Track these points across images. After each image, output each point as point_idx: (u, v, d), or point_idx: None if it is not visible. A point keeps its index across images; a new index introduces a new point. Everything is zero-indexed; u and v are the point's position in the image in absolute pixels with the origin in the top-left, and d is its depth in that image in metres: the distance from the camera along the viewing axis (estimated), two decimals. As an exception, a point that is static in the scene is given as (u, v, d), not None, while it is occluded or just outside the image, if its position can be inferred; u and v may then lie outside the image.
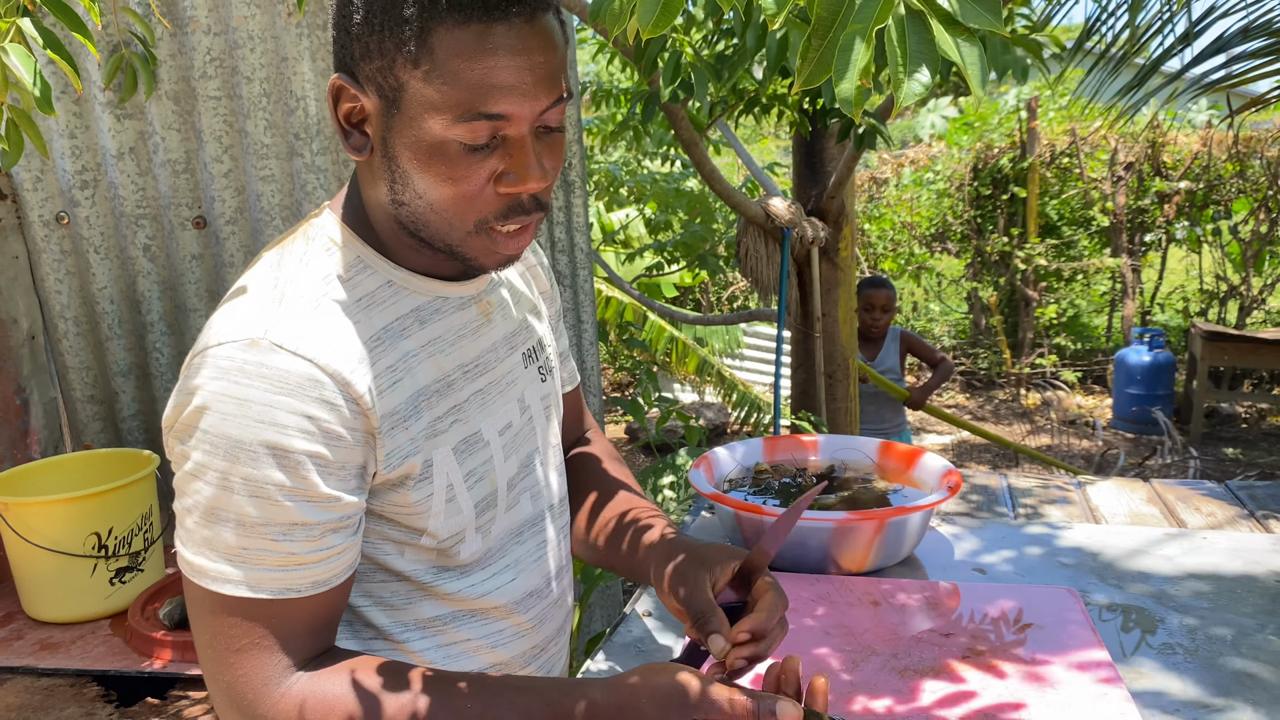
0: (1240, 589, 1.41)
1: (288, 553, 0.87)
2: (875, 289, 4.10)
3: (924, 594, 1.38)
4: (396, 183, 0.91)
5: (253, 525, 0.85)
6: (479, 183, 0.88)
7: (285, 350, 0.86)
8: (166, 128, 2.20)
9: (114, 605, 1.87)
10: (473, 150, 0.87)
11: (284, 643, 0.88)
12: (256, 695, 0.87)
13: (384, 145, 0.89)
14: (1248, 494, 1.88)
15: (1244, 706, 1.10)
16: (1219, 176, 7.57)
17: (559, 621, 1.18)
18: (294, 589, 0.87)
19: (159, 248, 2.28)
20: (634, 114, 3.37)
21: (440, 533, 0.99)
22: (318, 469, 0.86)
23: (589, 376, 3.12)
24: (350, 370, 0.89)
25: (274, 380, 0.85)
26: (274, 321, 0.87)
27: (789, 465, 1.77)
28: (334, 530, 0.89)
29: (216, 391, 0.84)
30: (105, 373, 2.32)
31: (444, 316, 1.01)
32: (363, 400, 0.89)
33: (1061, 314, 8.22)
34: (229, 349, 0.86)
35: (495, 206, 0.91)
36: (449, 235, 0.93)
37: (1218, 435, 6.79)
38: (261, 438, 0.84)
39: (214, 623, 0.88)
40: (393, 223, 0.96)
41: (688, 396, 7.53)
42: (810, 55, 0.63)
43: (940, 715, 1.07)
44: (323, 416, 0.86)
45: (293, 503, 0.86)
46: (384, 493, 0.95)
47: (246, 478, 0.84)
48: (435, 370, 0.98)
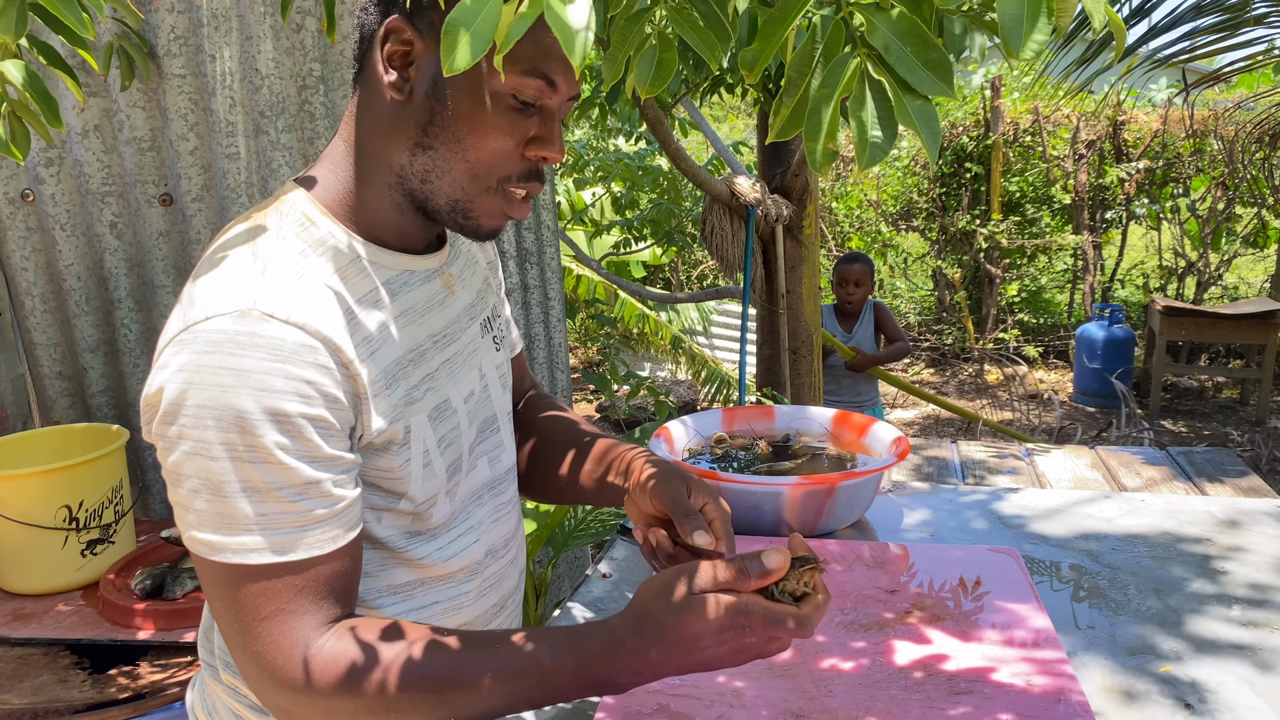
0: (1172, 547, 1.48)
1: (305, 511, 0.89)
2: (848, 264, 4.13)
3: (872, 554, 1.45)
4: (434, 126, 0.96)
5: (268, 490, 0.87)
6: (515, 140, 0.97)
7: (277, 319, 0.88)
8: (131, 105, 2.21)
9: (85, 577, 1.90)
10: (519, 108, 0.95)
11: (310, 605, 0.90)
12: (287, 659, 0.89)
13: (433, 89, 0.95)
14: (1186, 459, 1.96)
15: (1170, 654, 1.17)
16: (1178, 155, 7.70)
17: (514, 580, 1.23)
18: (317, 547, 0.90)
19: (125, 225, 2.30)
20: (599, 93, 3.40)
21: (418, 496, 1.03)
22: (319, 431, 0.89)
23: (557, 353, 3.16)
24: (338, 336, 0.92)
25: (269, 349, 0.87)
26: (261, 292, 0.90)
27: (747, 435, 1.83)
28: (342, 484, 0.92)
29: (212, 365, 0.86)
30: (73, 349, 2.33)
31: (412, 289, 1.05)
32: (352, 365, 0.93)
33: (1024, 290, 8.34)
34: (219, 321, 0.87)
35: (519, 167, 0.99)
36: (466, 189, 0.98)
37: (1176, 408, 6.94)
38: (264, 404, 0.86)
39: (238, 595, 0.89)
40: (391, 178, 1.00)
41: (658, 374, 7.59)
42: (783, 111, 0.70)
43: (882, 669, 1.13)
44: (320, 380, 0.89)
45: (302, 463, 0.88)
46: (369, 457, 0.98)
47: (253, 445, 0.86)
48: (409, 340, 1.02)
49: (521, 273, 2.95)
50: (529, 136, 0.97)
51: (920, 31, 0.65)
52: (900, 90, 0.66)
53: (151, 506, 2.47)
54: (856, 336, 4.18)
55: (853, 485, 1.51)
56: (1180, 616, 1.27)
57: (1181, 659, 1.16)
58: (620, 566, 1.48)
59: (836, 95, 0.66)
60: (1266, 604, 1.29)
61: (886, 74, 0.66)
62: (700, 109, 4.29)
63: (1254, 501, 1.66)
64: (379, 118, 0.99)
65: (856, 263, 4.12)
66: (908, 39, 0.65)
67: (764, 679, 1.11)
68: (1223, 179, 7.48)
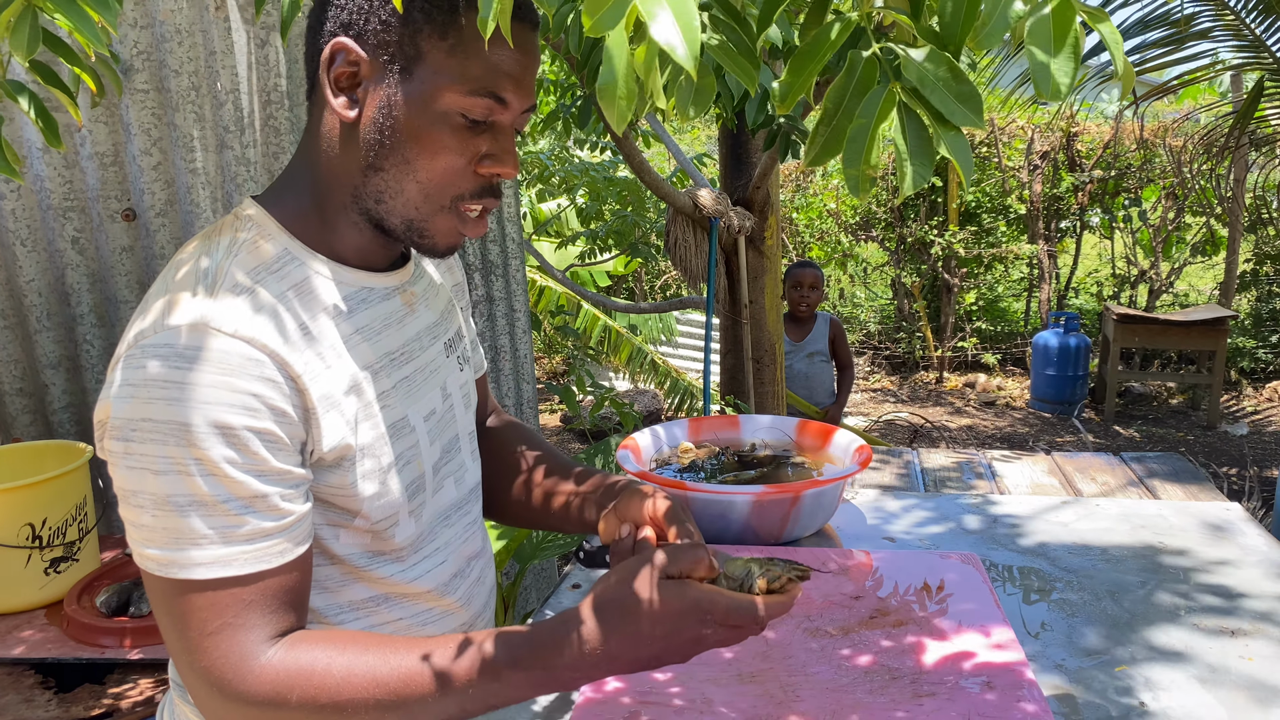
0: (1126, 550, 1.53)
1: (253, 526, 0.89)
2: (802, 269, 4.22)
3: (836, 561, 1.48)
4: (383, 146, 0.96)
5: (214, 504, 0.87)
6: (466, 158, 0.97)
7: (223, 333, 0.88)
8: (94, 120, 2.20)
9: (49, 595, 1.89)
10: (469, 126, 0.96)
11: (257, 619, 0.90)
12: (235, 673, 0.89)
13: (381, 110, 0.95)
14: (1139, 463, 2.01)
15: (1124, 655, 1.21)
16: (1129, 165, 7.87)
17: (483, 599, 1.24)
18: (264, 560, 0.90)
19: (88, 240, 2.28)
20: (563, 106, 3.42)
21: (373, 515, 1.03)
22: (266, 445, 0.89)
23: (522, 364, 3.18)
24: (286, 351, 0.92)
25: (215, 363, 0.87)
26: (209, 306, 0.90)
27: (712, 444, 1.85)
28: (289, 499, 0.92)
29: (159, 379, 0.86)
30: (34, 365, 2.31)
31: (370, 306, 1.05)
32: (300, 380, 0.93)
33: (981, 299, 8.47)
34: (166, 335, 0.88)
35: (471, 185, 0.99)
36: (419, 209, 0.99)
37: (1130, 414, 7.08)
38: (210, 418, 0.86)
39: (184, 610, 0.89)
40: (345, 198, 1.01)
41: (622, 385, 7.61)
42: (817, 140, 0.74)
43: (847, 674, 1.16)
44: (266, 394, 0.89)
45: (249, 477, 0.88)
46: (320, 474, 0.98)
47: (200, 459, 0.86)
48: (363, 357, 1.02)
49: (487, 284, 2.96)
50: (481, 154, 0.98)
51: (951, 65, 0.69)
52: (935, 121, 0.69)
53: (115, 523, 2.45)
54: (808, 346, 4.23)
55: (817, 493, 1.54)
56: (1133, 618, 1.31)
57: (1135, 659, 1.20)
58: (590, 576, 1.49)
59: (874, 124, 0.70)
60: (1217, 604, 1.34)
61: (921, 105, 0.70)
62: (663, 122, 4.33)
63: (1204, 505, 1.71)
64: (330, 139, 1.00)
65: (810, 267, 4.22)
66: (940, 73, 0.69)
67: (732, 685, 1.13)
68: (1172, 189, 7.65)
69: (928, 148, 0.70)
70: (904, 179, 0.71)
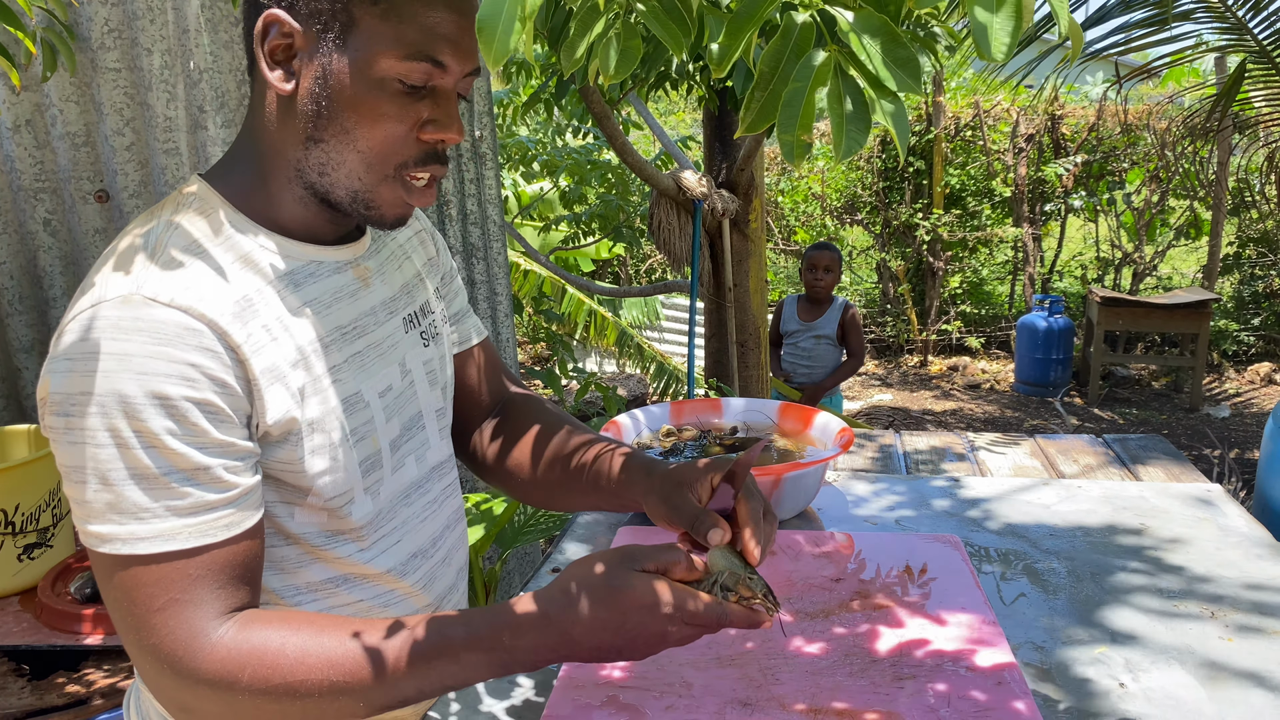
0: (1107, 532, 1.53)
1: (197, 498, 0.87)
2: (817, 250, 4.14)
3: (818, 544, 1.47)
4: (322, 119, 0.94)
5: (155, 477, 0.85)
6: (407, 125, 0.95)
7: (159, 303, 0.87)
8: (65, 100, 2.17)
9: (23, 581, 1.86)
10: (408, 92, 0.93)
11: (206, 594, 0.88)
12: (185, 650, 0.87)
13: (317, 81, 0.93)
14: (1121, 446, 2.01)
15: (1104, 636, 1.21)
16: (1113, 148, 7.88)
17: (449, 580, 1.22)
18: (209, 534, 0.88)
19: (60, 222, 2.25)
20: (546, 87, 3.39)
21: (325, 492, 1.01)
22: (206, 415, 0.87)
23: (505, 348, 3.15)
24: (226, 321, 0.90)
25: (152, 333, 0.85)
26: (146, 277, 0.88)
27: (695, 427, 1.84)
28: (235, 472, 0.90)
29: (95, 352, 0.85)
30: (7, 349, 2.28)
31: (319, 280, 1.03)
32: (240, 350, 0.91)
33: (966, 282, 8.48)
34: (102, 308, 0.86)
35: (414, 152, 0.97)
36: (362, 179, 0.97)
37: (1113, 396, 7.11)
38: (148, 389, 0.84)
39: (130, 587, 0.87)
40: (290, 172, 0.98)
41: (607, 369, 7.60)
42: (753, 105, 0.71)
43: (827, 657, 1.15)
44: (205, 364, 0.87)
45: (190, 449, 0.86)
46: (268, 448, 0.97)
47: (139, 430, 0.84)
48: (311, 331, 1.00)
49: (468, 268, 2.93)
50: (423, 119, 0.96)
51: (890, 29, 0.67)
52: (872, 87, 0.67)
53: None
54: (818, 328, 4.18)
55: (799, 476, 1.53)
56: (1114, 599, 1.30)
57: (1116, 640, 1.19)
58: (572, 559, 1.48)
59: (810, 89, 0.68)
60: (1197, 586, 1.33)
61: (859, 71, 0.68)
62: (646, 104, 4.31)
63: (1185, 486, 1.71)
64: (269, 113, 0.98)
65: (826, 250, 4.14)
66: (878, 37, 0.67)
67: (711, 669, 1.12)
68: (1156, 172, 7.66)
69: (864, 114, 0.68)
70: (839, 146, 0.69)
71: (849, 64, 0.68)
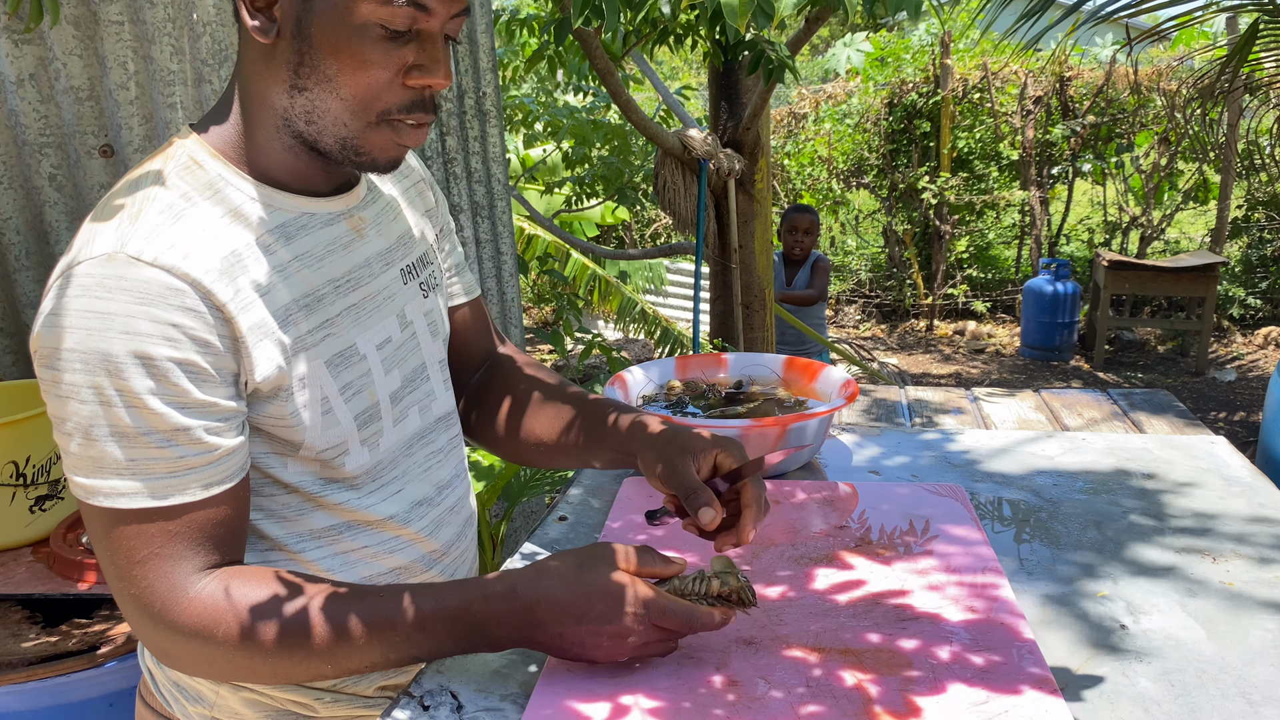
0: (1111, 481, 1.53)
1: (176, 457, 0.89)
2: (797, 213, 4.36)
3: (821, 493, 1.48)
4: (304, 67, 0.93)
5: (135, 436, 0.87)
6: (391, 71, 0.93)
7: (143, 262, 0.87)
8: (68, 53, 2.16)
9: (35, 533, 1.88)
10: (391, 37, 0.92)
11: (185, 550, 0.91)
12: (164, 602, 0.90)
13: (298, 28, 0.92)
14: (1125, 399, 2.01)
15: (1107, 580, 1.22)
16: (1122, 110, 7.81)
17: (457, 527, 1.23)
18: (188, 493, 0.90)
19: (65, 177, 2.25)
20: (549, 44, 3.37)
21: (317, 444, 1.02)
22: (188, 375, 0.89)
23: (510, 308, 3.16)
24: (211, 280, 0.90)
25: (134, 292, 0.86)
26: (130, 235, 0.89)
27: (700, 381, 1.85)
28: (216, 433, 0.92)
29: (79, 309, 0.86)
30: (14, 305, 2.29)
31: (311, 232, 1.03)
32: (226, 309, 0.91)
33: (973, 246, 8.45)
34: (87, 266, 0.87)
35: (400, 98, 0.95)
36: (349, 126, 0.96)
37: (1120, 360, 7.10)
38: (129, 348, 0.85)
39: (114, 538, 0.89)
40: (277, 121, 0.98)
41: (612, 334, 7.59)
42: None
43: (831, 599, 1.16)
44: (187, 324, 0.88)
45: (169, 409, 0.88)
46: (258, 404, 0.98)
47: (120, 389, 0.86)
48: (303, 284, 1.00)
49: (474, 226, 2.93)
50: (408, 65, 0.94)
51: None
52: None
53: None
54: (798, 284, 4.46)
55: (803, 427, 1.54)
56: (1116, 546, 1.31)
57: (1117, 583, 1.20)
58: (576, 509, 1.49)
59: None
60: (1199, 532, 1.34)
61: None
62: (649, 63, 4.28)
63: (1188, 438, 1.71)
64: (254, 61, 0.97)
65: (806, 213, 4.36)
66: None
67: (717, 610, 1.13)
68: (1165, 135, 7.60)
69: None
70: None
71: None
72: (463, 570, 1.26)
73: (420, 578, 1.17)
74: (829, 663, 1.00)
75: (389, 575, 1.14)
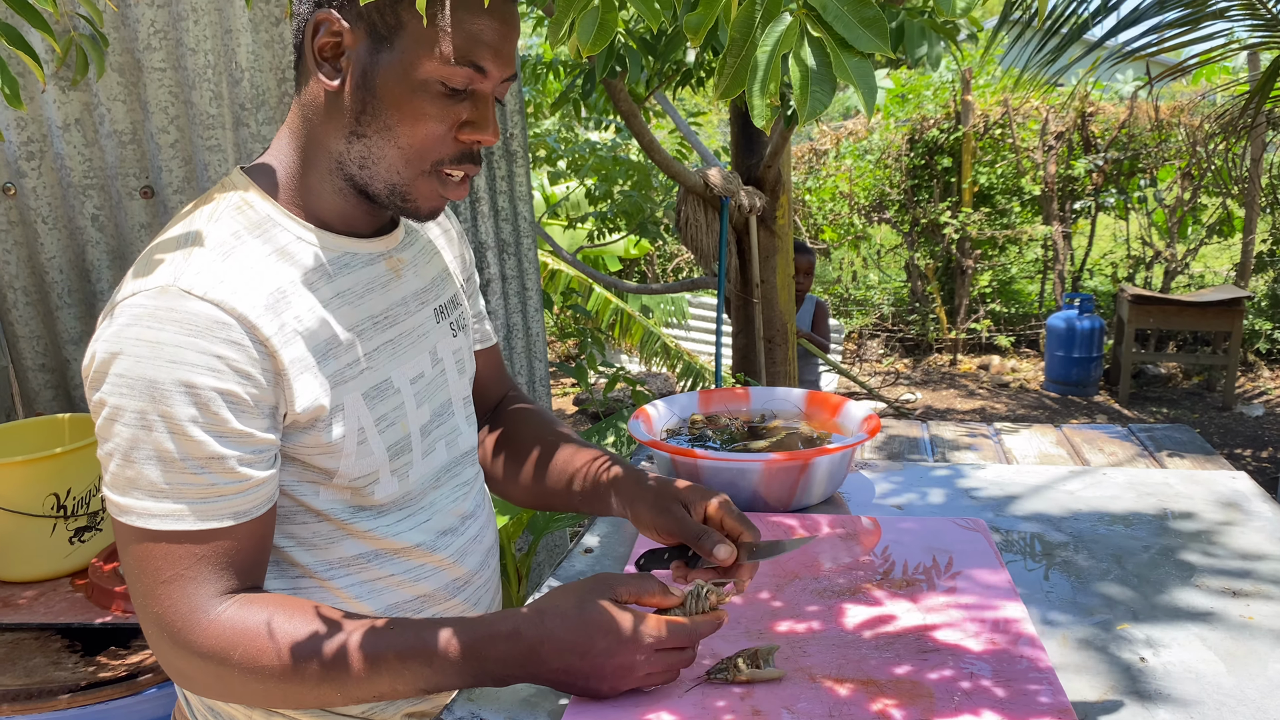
0: (1132, 516, 1.55)
1: (208, 484, 0.94)
2: (796, 254, 4.43)
3: (844, 527, 1.50)
4: (366, 115, 1.00)
5: (172, 460, 0.92)
6: (446, 125, 1.01)
7: (193, 296, 0.93)
8: (112, 99, 2.23)
9: (74, 564, 1.93)
10: (448, 94, 0.99)
11: (209, 573, 0.95)
12: (185, 623, 0.94)
13: (363, 79, 0.99)
14: (1148, 435, 2.03)
15: (1126, 614, 1.23)
16: (1144, 146, 7.82)
17: (479, 556, 1.27)
18: (216, 519, 0.94)
19: (107, 217, 2.32)
20: (574, 86, 3.44)
21: (350, 473, 1.07)
22: (229, 405, 0.94)
23: (535, 343, 3.20)
24: (256, 315, 0.96)
25: (183, 324, 0.92)
26: (183, 269, 0.94)
27: (723, 415, 1.88)
28: (249, 464, 0.96)
29: (130, 337, 0.91)
30: (56, 341, 2.35)
31: (352, 271, 1.08)
32: (270, 342, 0.96)
33: (995, 280, 8.45)
34: (140, 298, 0.93)
35: (451, 151, 1.03)
36: (400, 173, 1.02)
37: (1144, 395, 7.06)
38: (175, 377, 0.91)
39: (141, 557, 0.94)
40: (331, 164, 1.04)
41: (634, 368, 7.63)
42: (726, 71, 0.74)
43: (854, 632, 1.18)
44: (231, 356, 0.93)
45: (208, 437, 0.93)
46: (297, 433, 1.02)
47: (163, 415, 0.91)
48: (343, 320, 1.06)
49: (500, 263, 2.98)
50: (461, 120, 1.01)
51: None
52: (838, 47, 0.70)
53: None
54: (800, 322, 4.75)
55: (826, 461, 1.57)
56: (1137, 580, 1.33)
57: (1138, 618, 1.22)
58: (603, 541, 1.52)
59: (776, 51, 0.71)
60: (1220, 567, 1.35)
61: (825, 31, 0.71)
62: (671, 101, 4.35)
63: (1211, 474, 1.72)
64: (316, 106, 1.03)
65: (803, 253, 4.48)
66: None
67: (741, 642, 1.16)
68: (1188, 169, 7.60)
69: (827, 73, 0.71)
70: (803, 106, 0.71)
71: (815, 26, 0.71)
72: (486, 598, 1.30)
73: (446, 604, 1.21)
74: (852, 693, 1.03)
75: (415, 602, 1.18)
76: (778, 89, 0.71)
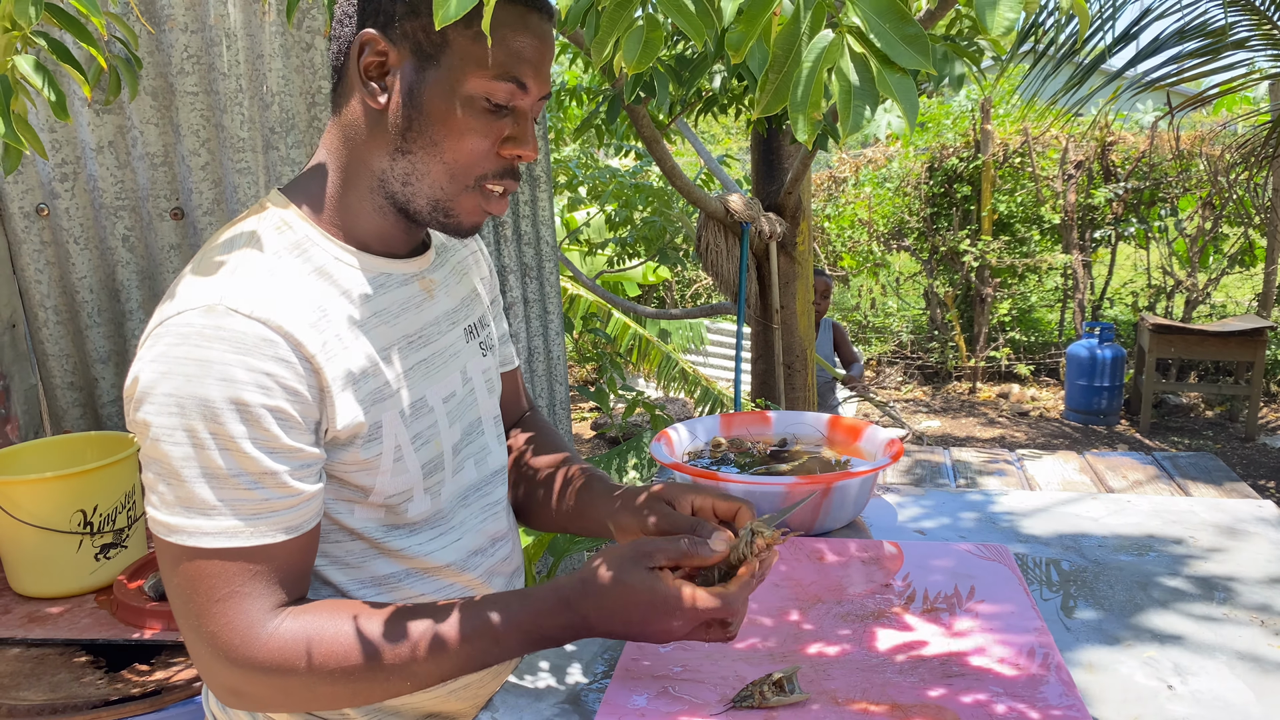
0: (1156, 543, 1.54)
1: (261, 499, 0.94)
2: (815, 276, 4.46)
3: (867, 552, 1.50)
4: (411, 131, 1.02)
5: (225, 477, 0.92)
6: (490, 140, 1.03)
7: (240, 314, 0.94)
8: (145, 122, 2.27)
9: (99, 580, 1.94)
10: (492, 110, 1.02)
11: (263, 589, 0.95)
12: (242, 639, 0.94)
13: (410, 96, 1.01)
14: (1171, 462, 2.02)
15: (1152, 640, 1.23)
16: (1165, 175, 7.81)
17: (506, 576, 1.28)
18: (269, 535, 0.95)
19: (138, 238, 2.35)
20: (597, 112, 3.47)
21: (386, 490, 1.08)
22: (279, 422, 0.94)
23: (555, 366, 3.22)
24: (302, 332, 0.97)
25: (232, 341, 0.92)
26: (229, 288, 0.95)
27: (745, 439, 1.88)
28: (300, 478, 0.97)
29: (179, 356, 0.92)
30: (85, 360, 2.38)
31: (388, 291, 1.10)
32: (315, 359, 0.98)
33: (1015, 309, 8.42)
34: (188, 316, 0.93)
35: (494, 166, 1.05)
36: (445, 189, 1.05)
37: (1166, 425, 7.01)
38: (226, 394, 0.91)
39: (193, 577, 0.94)
40: (372, 182, 1.06)
41: (652, 393, 7.63)
42: (768, 87, 0.75)
43: (878, 656, 1.18)
44: (279, 373, 0.94)
45: (260, 452, 0.93)
46: (336, 450, 1.03)
47: (215, 432, 0.91)
48: (380, 339, 1.07)
49: (522, 287, 3.01)
50: (503, 136, 1.04)
51: (898, 8, 0.70)
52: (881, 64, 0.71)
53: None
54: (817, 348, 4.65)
55: (848, 485, 1.57)
56: (1163, 606, 1.32)
57: (1164, 644, 1.21)
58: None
59: (819, 68, 0.72)
60: (1245, 594, 1.35)
61: (867, 48, 0.72)
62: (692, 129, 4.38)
63: (1236, 502, 1.71)
64: (358, 126, 1.05)
65: (819, 277, 4.54)
66: (886, 16, 0.70)
67: (764, 664, 1.16)
68: (1209, 199, 7.58)
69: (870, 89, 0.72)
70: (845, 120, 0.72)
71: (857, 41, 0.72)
72: None
73: None
74: (876, 716, 1.02)
75: None
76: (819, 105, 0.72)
